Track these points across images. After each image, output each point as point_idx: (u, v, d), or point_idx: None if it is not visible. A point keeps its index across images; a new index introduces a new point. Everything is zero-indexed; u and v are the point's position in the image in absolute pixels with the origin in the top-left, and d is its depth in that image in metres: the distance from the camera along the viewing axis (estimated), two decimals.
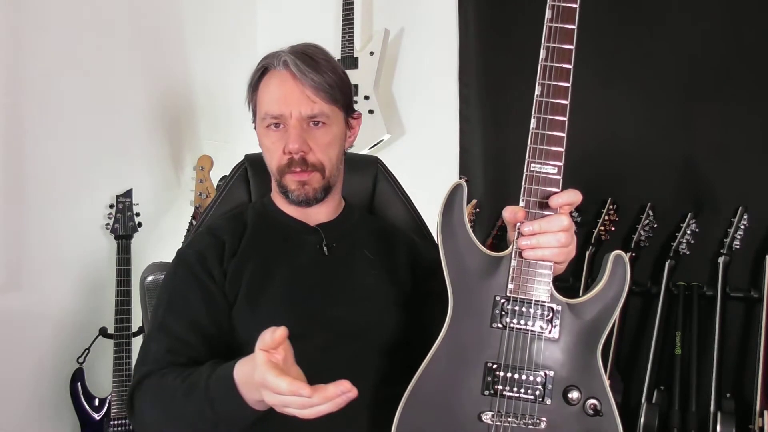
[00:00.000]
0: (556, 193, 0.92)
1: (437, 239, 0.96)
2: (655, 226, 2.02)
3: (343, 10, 2.44)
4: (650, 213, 2.01)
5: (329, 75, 1.09)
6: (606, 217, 2.06)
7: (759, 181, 1.91)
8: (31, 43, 1.87)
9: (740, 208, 1.89)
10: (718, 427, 1.80)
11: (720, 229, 1.93)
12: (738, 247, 1.89)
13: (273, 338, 0.78)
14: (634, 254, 2.01)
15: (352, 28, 2.44)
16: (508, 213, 0.93)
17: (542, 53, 0.92)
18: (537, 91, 0.92)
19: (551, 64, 0.92)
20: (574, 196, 0.92)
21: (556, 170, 0.92)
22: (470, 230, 0.96)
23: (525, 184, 0.92)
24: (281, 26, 2.72)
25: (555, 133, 0.92)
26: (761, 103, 1.91)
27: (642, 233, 2.01)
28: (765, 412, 1.76)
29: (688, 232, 1.95)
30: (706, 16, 1.97)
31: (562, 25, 0.92)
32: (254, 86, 1.13)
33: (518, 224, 0.92)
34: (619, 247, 2.04)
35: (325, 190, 1.12)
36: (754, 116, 1.92)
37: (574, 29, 0.92)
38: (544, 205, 0.92)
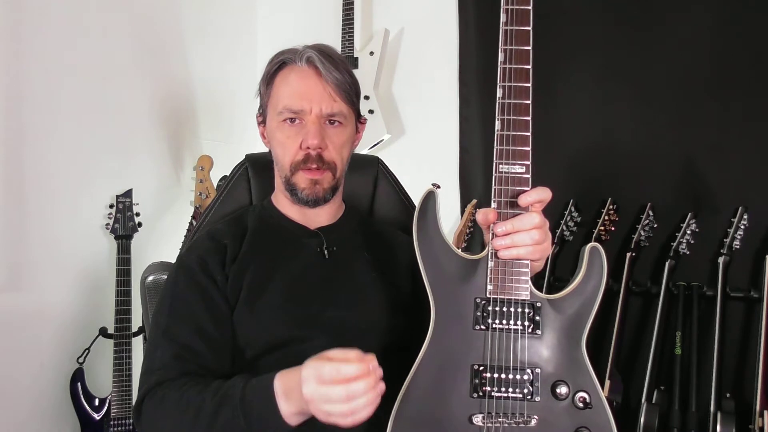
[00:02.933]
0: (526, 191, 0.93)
1: (414, 247, 0.97)
2: (655, 226, 2.02)
3: (343, 10, 2.44)
4: (650, 213, 2.01)
5: (348, 76, 1.10)
6: (606, 217, 2.05)
7: (759, 181, 1.91)
8: (31, 43, 1.87)
9: (740, 208, 1.89)
10: (718, 427, 1.80)
11: (720, 229, 1.92)
12: (738, 247, 1.89)
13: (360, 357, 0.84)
14: (634, 254, 2.01)
15: (352, 28, 2.44)
16: (481, 216, 0.94)
17: (500, 56, 0.95)
18: (498, 93, 0.94)
19: (510, 66, 0.94)
20: (543, 194, 0.92)
21: (524, 169, 0.93)
22: (445, 236, 0.97)
23: (495, 185, 0.93)
24: (281, 26, 2.72)
25: (520, 133, 0.93)
26: (761, 103, 1.91)
27: (642, 233, 2.01)
28: (765, 412, 1.75)
29: (688, 232, 1.95)
30: (706, 15, 1.96)
31: (517, 28, 0.94)
32: (269, 79, 1.12)
33: (492, 225, 0.93)
34: (619, 247, 2.06)
35: (333, 191, 1.12)
36: (754, 116, 1.92)
37: (529, 30, 0.94)
38: (515, 204, 0.93)
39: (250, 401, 0.89)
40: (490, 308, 0.93)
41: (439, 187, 1.00)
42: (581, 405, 0.92)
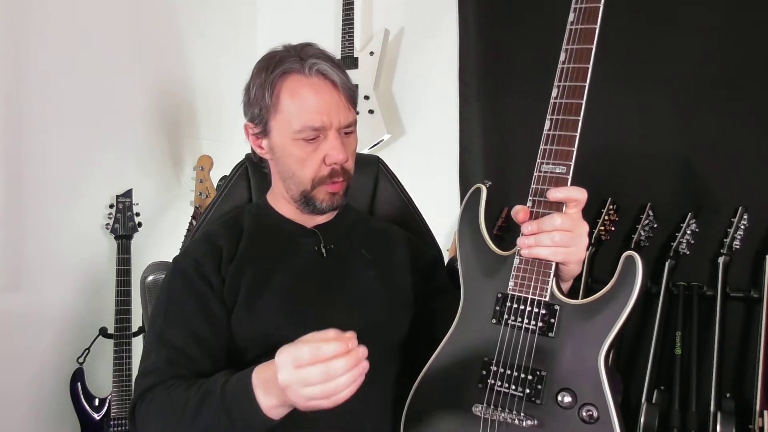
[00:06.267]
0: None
1: (456, 239, 0.99)
2: (655, 226, 2.02)
3: (343, 10, 2.44)
4: (650, 213, 2.01)
5: (349, 79, 1.09)
6: (606, 217, 2.05)
7: (759, 181, 1.91)
8: (31, 44, 1.87)
9: (740, 208, 1.89)
10: (718, 427, 1.80)
11: (720, 229, 1.92)
12: (738, 247, 1.89)
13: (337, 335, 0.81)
14: None
15: (352, 28, 2.44)
16: (513, 213, 0.94)
17: (562, 56, 0.93)
18: (553, 93, 0.92)
19: (570, 65, 0.92)
20: (574, 193, 0.90)
21: (565, 170, 0.92)
22: (485, 231, 0.99)
23: (533, 184, 0.93)
24: (281, 26, 2.72)
25: (568, 133, 0.92)
26: (761, 103, 1.91)
27: (642, 233, 2.01)
28: (765, 412, 1.75)
29: (688, 232, 1.95)
30: (707, 16, 1.96)
31: (583, 26, 0.93)
32: (272, 90, 1.05)
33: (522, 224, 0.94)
34: (619, 246, 2.05)
35: (346, 195, 1.12)
36: (754, 116, 1.92)
37: (595, 28, 0.92)
38: (549, 204, 0.92)
39: (230, 398, 0.89)
40: (508, 304, 0.94)
41: (489, 184, 1.02)
42: (587, 419, 0.88)
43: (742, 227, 1.88)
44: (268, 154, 1.12)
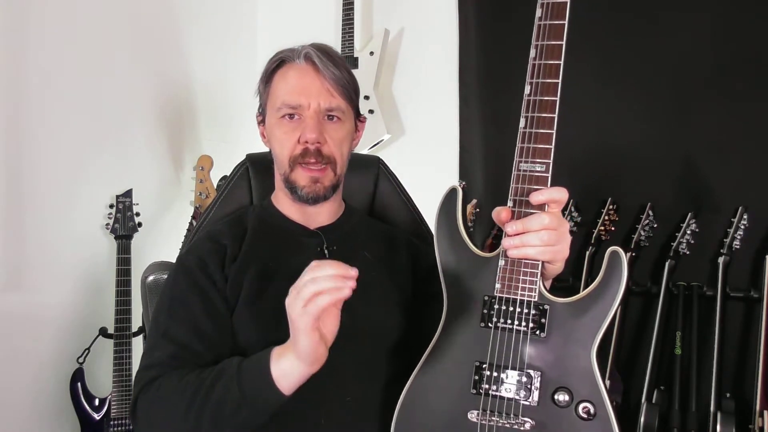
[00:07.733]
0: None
1: (434, 243, 0.97)
2: (655, 226, 2.02)
3: (343, 10, 2.45)
4: (650, 213, 2.01)
5: (346, 73, 1.10)
6: (606, 217, 2.06)
7: (759, 181, 1.91)
8: (31, 43, 1.86)
9: (740, 208, 1.89)
10: (718, 427, 1.80)
11: (720, 229, 1.93)
12: (738, 247, 1.89)
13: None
14: (634, 254, 2.01)
15: (352, 28, 2.44)
16: (494, 214, 0.93)
17: (532, 52, 0.91)
18: (526, 90, 0.91)
19: (541, 62, 0.91)
20: (556, 194, 0.90)
21: (544, 168, 0.90)
22: (464, 233, 0.97)
23: (513, 183, 0.92)
24: (281, 26, 2.72)
25: (544, 131, 0.90)
26: (761, 103, 1.91)
27: (642, 233, 2.01)
28: (765, 412, 1.76)
29: (688, 232, 1.95)
30: (706, 15, 1.97)
31: (552, 22, 0.90)
32: (268, 77, 1.12)
33: (505, 224, 0.92)
34: (619, 246, 2.05)
35: (334, 189, 1.12)
36: (754, 116, 1.92)
37: (564, 24, 0.90)
38: (532, 204, 0.91)
39: (246, 370, 0.90)
40: (496, 307, 0.93)
41: (464, 184, 1.00)
42: (585, 416, 0.88)
43: (742, 227, 1.88)
44: (267, 141, 1.16)
